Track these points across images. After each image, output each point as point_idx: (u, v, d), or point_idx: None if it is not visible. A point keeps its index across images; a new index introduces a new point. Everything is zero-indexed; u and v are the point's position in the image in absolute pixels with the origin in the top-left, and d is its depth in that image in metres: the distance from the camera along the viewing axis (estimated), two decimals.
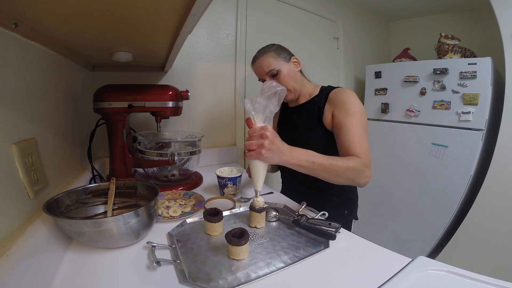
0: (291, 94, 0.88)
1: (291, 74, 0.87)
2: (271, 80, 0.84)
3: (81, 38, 0.62)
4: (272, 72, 0.85)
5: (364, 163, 0.69)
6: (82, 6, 0.41)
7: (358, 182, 0.69)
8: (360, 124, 0.75)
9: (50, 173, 0.61)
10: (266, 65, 0.85)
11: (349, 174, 0.67)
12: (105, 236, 0.53)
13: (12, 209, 0.44)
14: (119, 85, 0.89)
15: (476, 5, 1.88)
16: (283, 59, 0.86)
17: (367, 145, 0.74)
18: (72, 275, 0.48)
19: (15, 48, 0.50)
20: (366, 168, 0.69)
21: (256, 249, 0.58)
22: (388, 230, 1.90)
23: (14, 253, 0.38)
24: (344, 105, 0.79)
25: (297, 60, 0.90)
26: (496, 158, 1.45)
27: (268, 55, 0.86)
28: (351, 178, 0.68)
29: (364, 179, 0.69)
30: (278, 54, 0.86)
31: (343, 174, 0.67)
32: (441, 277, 0.47)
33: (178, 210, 0.73)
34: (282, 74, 0.85)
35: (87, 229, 0.51)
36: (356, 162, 0.68)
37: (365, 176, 0.69)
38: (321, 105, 0.85)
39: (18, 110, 0.50)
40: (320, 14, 1.84)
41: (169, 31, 0.57)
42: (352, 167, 0.67)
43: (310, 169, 0.65)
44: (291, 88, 0.87)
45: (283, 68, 0.85)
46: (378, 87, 1.92)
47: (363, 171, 0.68)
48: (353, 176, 0.68)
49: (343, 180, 0.68)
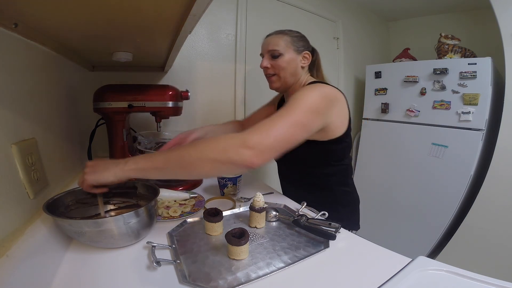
0: (277, 82, 0.85)
1: (292, 65, 0.82)
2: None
3: (81, 38, 0.62)
4: (274, 52, 0.81)
5: (240, 135, 0.51)
6: (82, 6, 0.41)
7: (229, 158, 0.50)
8: (295, 109, 0.60)
9: (50, 173, 0.61)
10: (273, 43, 0.81)
11: (208, 153, 0.50)
12: (105, 236, 0.53)
13: (12, 209, 0.44)
14: (119, 85, 0.89)
15: (476, 5, 1.88)
16: (294, 48, 0.82)
17: (279, 123, 0.56)
18: (72, 275, 0.48)
19: (15, 48, 0.50)
20: (240, 137, 0.51)
21: (256, 249, 0.58)
22: (388, 230, 1.90)
23: (14, 253, 0.38)
24: (297, 94, 0.66)
25: (308, 56, 0.85)
26: (496, 158, 1.45)
27: (283, 37, 0.81)
28: (215, 158, 0.50)
29: (238, 156, 0.49)
30: (293, 42, 0.82)
31: (200, 158, 0.50)
32: (441, 277, 0.47)
33: (178, 210, 0.73)
34: (282, 59, 0.81)
35: (87, 229, 0.51)
36: (223, 137, 0.52)
37: (239, 147, 0.50)
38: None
39: (18, 110, 0.50)
40: (320, 14, 1.85)
41: (169, 31, 0.57)
42: (211, 144, 0.51)
43: (155, 169, 0.53)
44: (282, 76, 0.83)
45: (288, 55, 0.81)
46: (378, 87, 1.92)
47: (234, 142, 0.51)
48: (216, 154, 0.50)
49: (207, 166, 0.50)
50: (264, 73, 0.87)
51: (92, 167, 0.55)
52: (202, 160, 0.51)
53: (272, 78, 0.85)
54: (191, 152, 0.52)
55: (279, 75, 0.83)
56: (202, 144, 0.53)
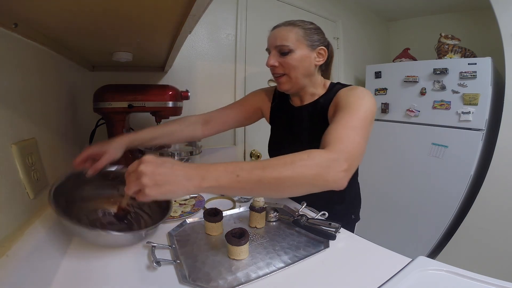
0: (287, 84, 0.72)
1: (305, 63, 0.70)
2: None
3: (81, 38, 0.62)
4: (282, 48, 0.68)
5: (330, 156, 0.47)
6: (82, 6, 0.41)
7: (325, 182, 0.46)
8: (357, 117, 0.58)
9: (50, 173, 0.61)
10: (281, 37, 0.68)
11: (306, 175, 0.44)
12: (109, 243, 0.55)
13: (12, 209, 0.44)
14: (119, 85, 0.89)
15: (476, 5, 1.88)
16: (308, 43, 0.69)
17: (354, 137, 0.53)
18: (72, 275, 0.48)
19: (15, 48, 0.50)
20: (333, 162, 0.47)
21: (256, 249, 0.58)
22: (388, 230, 1.90)
23: (14, 253, 0.38)
24: (348, 99, 0.63)
25: (324, 53, 0.72)
26: (496, 158, 1.45)
27: (293, 29, 0.68)
28: (312, 181, 0.45)
29: (333, 176, 0.46)
30: (307, 35, 0.69)
31: (295, 179, 0.44)
32: (441, 277, 0.47)
33: (178, 210, 0.73)
34: (292, 56, 0.68)
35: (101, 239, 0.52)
36: (316, 156, 0.46)
37: (335, 172, 0.46)
38: (326, 106, 0.71)
39: (18, 110, 0.50)
40: (320, 14, 1.84)
41: (169, 31, 0.57)
42: (307, 165, 0.45)
43: (241, 189, 0.43)
44: (293, 77, 0.71)
45: (299, 52, 0.68)
46: (378, 87, 1.92)
47: (329, 166, 0.46)
48: (314, 177, 0.45)
49: (302, 188, 0.46)
50: (271, 72, 0.74)
51: (153, 175, 0.39)
52: (298, 184, 0.45)
53: (281, 78, 0.72)
54: (288, 173, 0.44)
55: (289, 75, 0.71)
56: (299, 163, 0.45)
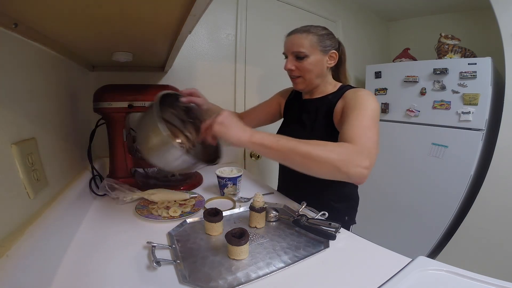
0: (302, 84, 0.83)
1: (318, 66, 0.80)
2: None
3: (81, 38, 0.62)
4: (298, 54, 0.78)
5: (356, 149, 0.57)
6: (82, 6, 0.41)
7: (347, 172, 0.55)
8: (368, 116, 0.67)
9: (50, 173, 0.61)
10: (298, 43, 0.77)
11: (331, 158, 0.55)
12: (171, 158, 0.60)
13: (12, 209, 0.44)
14: (119, 85, 0.89)
15: (476, 5, 1.88)
16: (321, 49, 0.78)
17: (371, 136, 0.62)
18: (72, 275, 0.48)
19: (15, 48, 0.50)
20: (358, 155, 0.56)
21: (256, 249, 0.58)
22: (388, 230, 1.90)
23: (14, 253, 0.38)
24: (356, 99, 0.73)
25: (335, 56, 0.81)
26: (496, 158, 1.45)
27: (308, 36, 0.77)
28: (336, 165, 0.55)
29: (355, 168, 0.55)
30: (320, 41, 0.78)
31: (322, 158, 0.54)
32: (441, 277, 0.47)
33: (178, 210, 0.73)
34: (307, 61, 0.78)
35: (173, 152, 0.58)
36: (344, 146, 0.57)
37: (357, 165, 0.55)
38: (334, 102, 0.79)
39: (18, 110, 0.50)
40: (320, 14, 1.84)
41: (169, 31, 0.57)
42: (336, 150, 0.56)
43: (277, 151, 0.57)
44: (308, 78, 0.81)
45: (313, 57, 0.78)
46: (378, 87, 1.92)
47: (353, 159, 0.56)
48: (338, 161, 0.55)
49: (325, 168, 0.56)
50: (289, 75, 0.86)
51: (223, 119, 0.58)
52: (324, 163, 0.55)
53: (297, 80, 0.83)
54: (318, 152, 0.55)
55: (304, 77, 0.81)
56: (330, 147, 0.57)
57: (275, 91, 1.09)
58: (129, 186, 0.84)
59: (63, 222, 0.57)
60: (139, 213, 0.72)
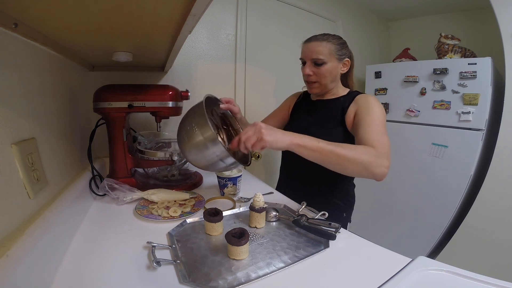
0: (317, 89, 0.89)
1: (334, 72, 0.86)
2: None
3: (81, 38, 0.62)
4: (317, 61, 0.84)
5: (378, 153, 0.67)
6: (82, 6, 0.41)
7: (373, 171, 0.65)
8: (380, 122, 0.76)
9: (50, 173, 0.61)
10: (317, 51, 0.83)
11: (361, 159, 0.64)
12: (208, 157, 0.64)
13: (12, 209, 0.44)
14: (119, 85, 0.89)
15: (476, 5, 1.88)
16: (337, 57, 0.85)
17: (386, 141, 0.72)
18: (72, 275, 0.48)
19: (15, 48, 0.50)
20: (381, 157, 0.66)
21: (256, 249, 0.58)
22: (388, 230, 1.90)
23: (14, 253, 0.38)
24: (368, 105, 0.80)
25: (347, 63, 0.89)
26: (496, 158, 1.45)
27: (327, 44, 0.84)
28: (364, 165, 0.64)
29: (379, 169, 0.65)
30: (337, 50, 0.84)
31: (354, 159, 0.64)
32: (441, 277, 0.47)
33: (178, 210, 0.73)
34: (324, 67, 0.84)
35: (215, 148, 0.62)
36: (369, 149, 0.67)
37: (381, 165, 0.65)
38: (346, 105, 0.86)
39: (18, 110, 0.50)
40: (320, 14, 1.84)
41: (169, 31, 0.57)
42: (364, 152, 0.65)
43: (317, 152, 0.63)
44: (323, 83, 0.87)
45: (330, 64, 0.85)
46: (378, 87, 1.92)
47: (377, 160, 0.65)
48: (366, 162, 0.64)
49: (355, 168, 0.65)
50: (305, 80, 0.91)
51: (268, 128, 0.62)
52: (357, 163, 0.64)
53: (314, 84, 0.89)
54: (352, 154, 0.64)
55: (320, 82, 0.87)
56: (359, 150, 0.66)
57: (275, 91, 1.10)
58: (129, 186, 0.83)
59: (63, 222, 0.57)
60: (139, 213, 0.72)
